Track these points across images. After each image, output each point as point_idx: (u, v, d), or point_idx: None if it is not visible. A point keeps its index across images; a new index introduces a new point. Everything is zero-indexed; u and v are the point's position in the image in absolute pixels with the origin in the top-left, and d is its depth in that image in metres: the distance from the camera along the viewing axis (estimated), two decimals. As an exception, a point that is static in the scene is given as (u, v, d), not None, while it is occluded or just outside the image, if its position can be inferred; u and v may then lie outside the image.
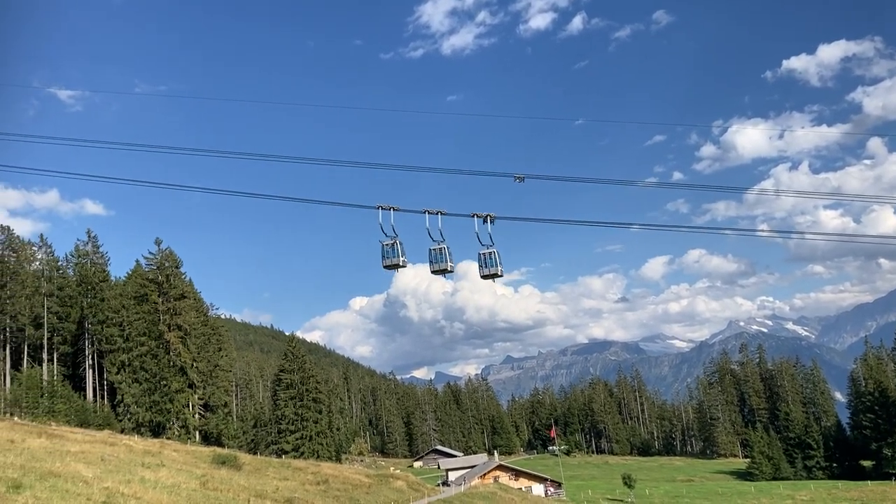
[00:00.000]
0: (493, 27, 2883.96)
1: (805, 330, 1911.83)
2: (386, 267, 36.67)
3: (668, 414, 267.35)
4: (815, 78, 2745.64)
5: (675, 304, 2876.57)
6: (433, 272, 36.78)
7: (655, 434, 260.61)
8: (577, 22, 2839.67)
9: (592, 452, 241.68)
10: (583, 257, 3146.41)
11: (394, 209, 34.22)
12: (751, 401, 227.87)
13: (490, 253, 36.19)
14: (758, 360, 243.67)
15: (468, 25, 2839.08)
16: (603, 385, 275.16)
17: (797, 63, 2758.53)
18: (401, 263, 36.19)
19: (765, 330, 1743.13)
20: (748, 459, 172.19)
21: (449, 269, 36.59)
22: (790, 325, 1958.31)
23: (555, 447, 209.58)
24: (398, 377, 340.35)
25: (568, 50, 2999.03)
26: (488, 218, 34.36)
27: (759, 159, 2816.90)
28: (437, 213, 34.44)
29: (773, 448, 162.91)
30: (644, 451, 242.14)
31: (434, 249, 36.25)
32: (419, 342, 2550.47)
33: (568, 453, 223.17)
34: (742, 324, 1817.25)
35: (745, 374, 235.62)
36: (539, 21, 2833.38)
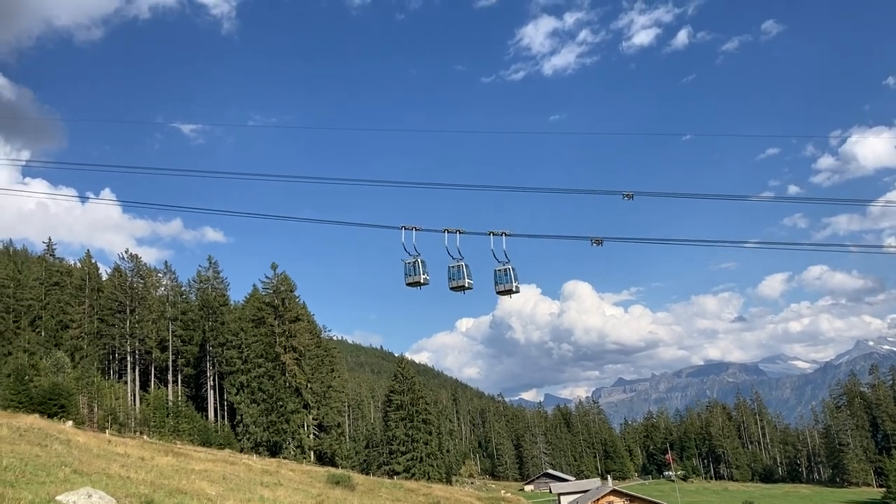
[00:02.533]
0: (594, 45, 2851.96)
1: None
2: (408, 284, 37.39)
3: (792, 439, 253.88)
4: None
5: (795, 324, 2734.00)
6: (451, 288, 37.38)
7: (778, 460, 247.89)
8: (682, 36, 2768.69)
9: (710, 478, 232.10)
10: (696, 275, 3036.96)
11: (416, 229, 35.52)
12: (885, 426, 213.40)
13: (505, 269, 36.58)
14: (891, 382, 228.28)
15: (569, 45, 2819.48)
16: (721, 408, 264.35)
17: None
18: (422, 281, 36.86)
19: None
20: (884, 489, 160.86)
21: (467, 285, 37.02)
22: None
23: (671, 472, 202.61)
24: (507, 399, 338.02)
25: (673, 65, 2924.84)
26: (503, 234, 35.19)
27: (884, 169, 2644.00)
28: (455, 232, 35.32)
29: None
30: (766, 477, 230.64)
31: (452, 267, 37.08)
32: (527, 364, 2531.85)
33: (685, 479, 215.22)
34: (871, 343, 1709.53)
35: (876, 398, 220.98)
36: (642, 37, 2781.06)
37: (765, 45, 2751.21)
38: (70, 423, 67.34)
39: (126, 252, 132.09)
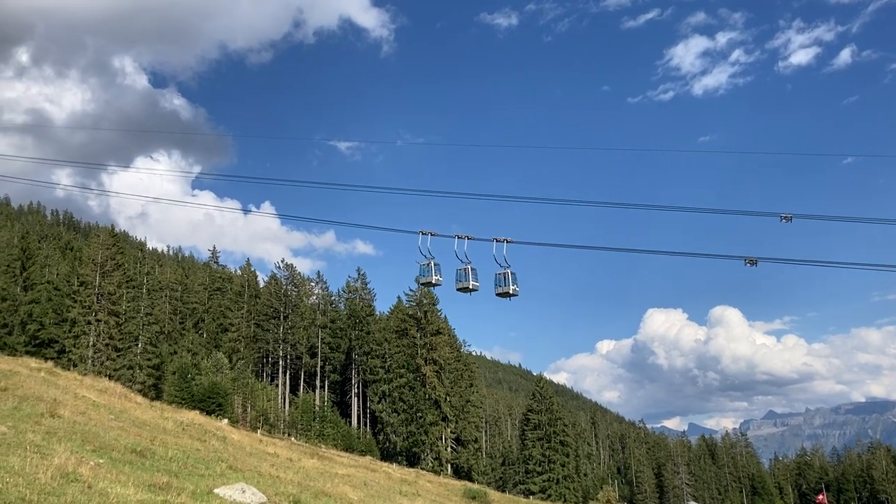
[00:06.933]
0: (748, 66, 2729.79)
1: None
2: (421, 284, 41.95)
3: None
4: None
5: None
6: (458, 289, 40.50)
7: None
8: (844, 55, 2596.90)
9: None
10: (857, 306, 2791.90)
11: (432, 234, 39.29)
12: None
13: (505, 274, 39.62)
14: None
15: (721, 65, 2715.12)
16: (885, 450, 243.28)
17: None
18: (433, 281, 40.70)
19: None
20: None
21: (471, 287, 39.96)
22: None
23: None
24: (648, 426, 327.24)
25: (834, 85, 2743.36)
26: (506, 241, 38.11)
27: None
28: (465, 238, 39.01)
29: None
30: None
31: (460, 269, 40.34)
32: (670, 391, 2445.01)
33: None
34: None
35: None
36: (801, 57, 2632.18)
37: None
38: (226, 420, 71.41)
39: (282, 261, 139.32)
